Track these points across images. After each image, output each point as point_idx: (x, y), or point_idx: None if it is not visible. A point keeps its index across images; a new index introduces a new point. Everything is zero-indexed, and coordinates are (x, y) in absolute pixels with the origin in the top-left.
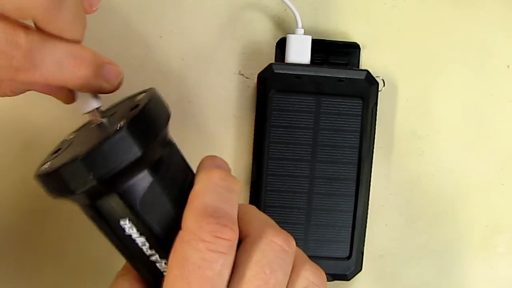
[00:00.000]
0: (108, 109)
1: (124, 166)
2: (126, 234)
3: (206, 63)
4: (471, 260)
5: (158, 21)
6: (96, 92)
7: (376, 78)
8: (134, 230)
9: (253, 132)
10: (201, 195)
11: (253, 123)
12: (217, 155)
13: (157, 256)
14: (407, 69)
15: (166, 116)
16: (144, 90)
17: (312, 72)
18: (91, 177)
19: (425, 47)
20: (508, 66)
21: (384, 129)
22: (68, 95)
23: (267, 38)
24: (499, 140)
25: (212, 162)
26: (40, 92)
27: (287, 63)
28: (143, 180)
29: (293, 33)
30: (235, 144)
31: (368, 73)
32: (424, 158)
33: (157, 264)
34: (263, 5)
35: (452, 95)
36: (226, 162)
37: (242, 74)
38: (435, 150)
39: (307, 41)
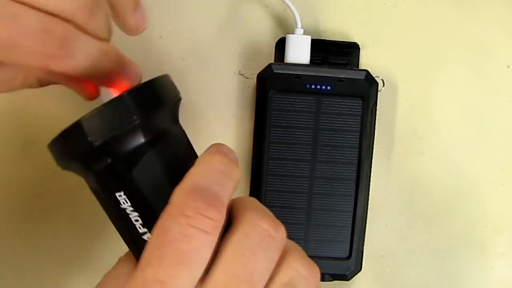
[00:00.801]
0: None
1: (121, 132)
2: (121, 207)
3: (206, 63)
4: (471, 260)
5: (158, 21)
6: (116, 89)
7: (376, 78)
8: (128, 203)
9: (253, 132)
10: (196, 174)
11: (253, 123)
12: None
13: (149, 234)
14: (407, 69)
15: (172, 95)
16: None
17: (312, 72)
18: (89, 140)
19: (425, 47)
20: (508, 66)
21: (384, 129)
22: (91, 90)
23: (267, 38)
24: (499, 140)
25: (216, 148)
26: (65, 85)
27: (286, 63)
28: (140, 150)
29: (293, 33)
30: (235, 144)
31: (368, 73)
32: (424, 158)
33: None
34: (263, 5)
35: (452, 95)
36: (232, 151)
37: (242, 74)
38: (435, 150)
39: (307, 41)
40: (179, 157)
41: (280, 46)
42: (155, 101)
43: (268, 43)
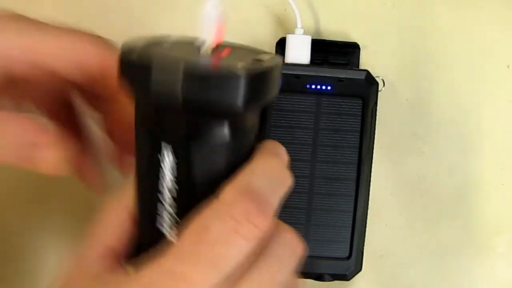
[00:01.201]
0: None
1: (219, 110)
2: (163, 160)
3: None
4: (471, 260)
5: (158, 21)
6: None
7: (376, 78)
8: (172, 164)
9: None
10: (253, 174)
11: None
12: None
13: (169, 211)
14: (407, 69)
15: (277, 90)
16: (268, 52)
17: (312, 72)
18: (183, 93)
19: (425, 47)
20: (508, 66)
21: (384, 129)
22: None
23: (267, 38)
24: (499, 140)
25: (274, 148)
26: None
27: (287, 63)
28: (220, 134)
29: (293, 33)
30: None
31: (368, 73)
32: (424, 158)
33: (163, 218)
34: (263, 5)
35: (452, 95)
36: (287, 154)
37: None
38: (435, 150)
39: (307, 41)
40: (245, 150)
41: (280, 46)
42: (264, 93)
43: (268, 43)
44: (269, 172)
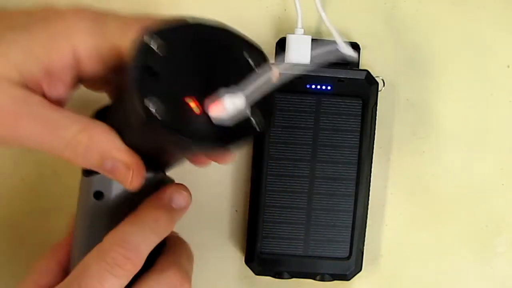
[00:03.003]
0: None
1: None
2: None
3: None
4: (471, 260)
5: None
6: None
7: (376, 78)
8: None
9: None
10: (129, 225)
11: None
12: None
13: None
14: (407, 69)
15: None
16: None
17: (312, 72)
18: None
19: (425, 47)
20: (508, 66)
21: (384, 129)
22: None
23: (267, 38)
24: (499, 140)
25: (169, 196)
26: None
27: (287, 63)
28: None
29: (293, 33)
30: None
31: (368, 73)
32: (424, 158)
33: None
34: (263, 5)
35: (452, 95)
36: (186, 197)
37: None
38: (435, 150)
39: (307, 41)
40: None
41: (281, 46)
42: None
43: (268, 43)
44: (146, 225)
